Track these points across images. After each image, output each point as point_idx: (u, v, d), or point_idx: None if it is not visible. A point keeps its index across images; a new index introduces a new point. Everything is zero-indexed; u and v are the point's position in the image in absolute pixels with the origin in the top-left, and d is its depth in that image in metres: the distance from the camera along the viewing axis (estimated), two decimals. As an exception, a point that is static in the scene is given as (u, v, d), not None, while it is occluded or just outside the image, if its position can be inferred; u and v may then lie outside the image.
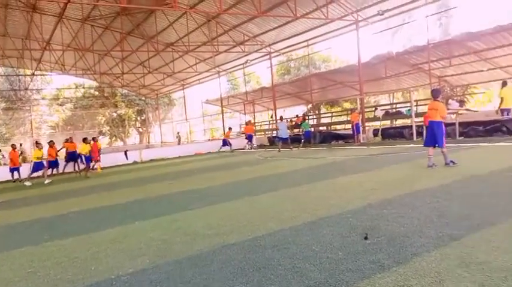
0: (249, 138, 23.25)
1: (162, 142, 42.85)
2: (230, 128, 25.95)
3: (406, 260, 3.29)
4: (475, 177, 6.65)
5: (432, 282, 2.82)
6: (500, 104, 13.63)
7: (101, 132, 16.88)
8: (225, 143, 23.57)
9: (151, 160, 21.40)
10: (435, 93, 8.51)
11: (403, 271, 3.09)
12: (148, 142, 46.11)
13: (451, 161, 8.15)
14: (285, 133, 19.24)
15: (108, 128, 48.26)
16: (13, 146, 17.53)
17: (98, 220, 6.47)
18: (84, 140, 16.92)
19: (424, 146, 8.81)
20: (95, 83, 43.56)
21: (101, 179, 14.37)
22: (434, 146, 8.32)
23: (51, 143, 16.71)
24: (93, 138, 18.44)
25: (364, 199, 5.82)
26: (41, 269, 4.12)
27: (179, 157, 22.58)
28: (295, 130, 24.74)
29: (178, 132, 38.13)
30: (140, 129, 51.15)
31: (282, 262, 3.57)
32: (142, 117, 48.93)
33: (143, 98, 46.16)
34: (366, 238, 3.96)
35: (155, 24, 23.89)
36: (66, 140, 19.09)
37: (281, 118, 21.57)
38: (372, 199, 5.75)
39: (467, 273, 2.91)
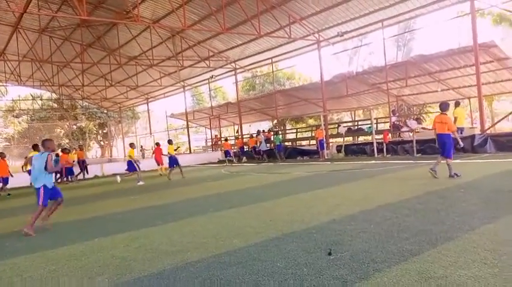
0: (227, 153, 23.73)
1: (125, 156, 41.67)
2: (158, 144, 23.32)
3: (368, 276, 3.35)
4: (433, 193, 6.93)
5: (394, 296, 2.88)
6: (454, 123, 14.38)
7: (59, 146, 16.24)
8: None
9: (114, 174, 20.69)
10: (444, 107, 8.76)
11: (365, 286, 3.13)
12: (111, 156, 44.74)
13: (455, 174, 8.44)
14: (264, 146, 21.55)
15: (67, 141, 46.42)
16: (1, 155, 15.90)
17: (55, 237, 6.14)
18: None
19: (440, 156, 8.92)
20: (53, 95, 41.98)
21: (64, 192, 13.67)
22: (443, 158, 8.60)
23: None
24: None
25: (328, 214, 5.91)
26: (-11, 293, 3.84)
27: (143, 171, 22.00)
28: (267, 145, 25.08)
29: (141, 146, 37.30)
30: (102, 143, 49.63)
31: (247, 278, 3.53)
32: (105, 131, 47.53)
33: (105, 111, 44.94)
34: (329, 254, 4.00)
35: (117, 37, 23.50)
36: (80, 148, 21.30)
37: (261, 132, 23.46)
38: (336, 214, 5.85)
39: (427, 287, 2.99)
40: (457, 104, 14.85)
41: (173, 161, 16.05)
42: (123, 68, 28.59)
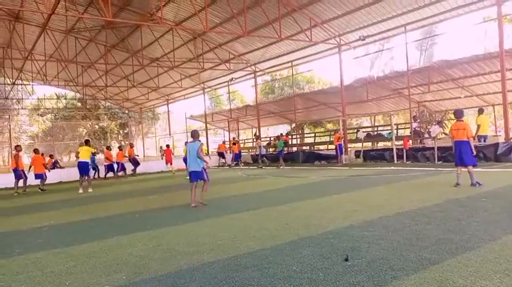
0: (221, 155, 24.32)
1: (144, 156, 42.31)
2: (168, 145, 23.22)
3: (385, 283, 3.30)
4: (453, 201, 6.78)
5: (411, 305, 2.83)
6: (477, 131, 14.05)
7: (18, 148, 16.53)
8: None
9: (133, 174, 21.06)
10: (459, 114, 8.76)
11: (383, 293, 3.09)
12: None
13: (477, 183, 8.25)
14: (262, 150, 21.84)
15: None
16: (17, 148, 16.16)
17: (75, 234, 6.28)
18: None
19: (455, 165, 8.80)
20: (77, 94, 43.02)
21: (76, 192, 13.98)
22: (464, 166, 8.45)
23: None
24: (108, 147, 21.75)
25: (345, 219, 5.85)
26: (13, 283, 3.96)
27: (161, 172, 22.31)
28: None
29: (161, 147, 37.76)
30: (122, 143, 50.50)
31: (262, 281, 3.53)
32: (125, 131, 48.34)
33: (126, 112, 45.73)
34: (346, 260, 3.97)
35: (141, 38, 23.93)
36: (131, 146, 22.35)
37: (259, 136, 24.35)
38: (353, 220, 5.79)
39: (446, 297, 2.93)
40: (480, 111, 14.50)
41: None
42: (145, 69, 29.06)
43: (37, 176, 15.75)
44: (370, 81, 20.91)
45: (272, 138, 27.75)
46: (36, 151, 16.56)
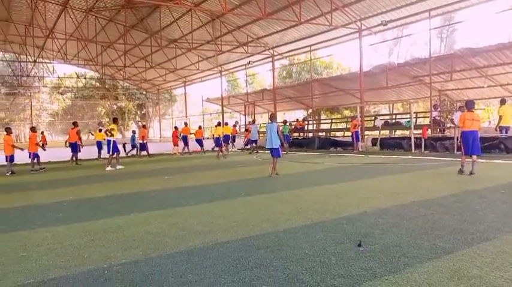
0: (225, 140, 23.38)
1: (161, 137, 42.79)
2: (176, 127, 24.74)
3: (398, 270, 3.30)
4: (471, 192, 6.68)
5: (424, 292, 2.83)
6: (499, 121, 13.69)
7: (100, 123, 17.15)
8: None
9: (149, 155, 21.36)
10: (471, 105, 8.98)
11: (395, 280, 3.09)
12: (147, 137, 46.11)
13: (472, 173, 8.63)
14: (255, 136, 20.83)
15: (107, 119, 48.12)
16: (32, 129, 16.28)
17: (94, 210, 6.45)
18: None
19: (465, 154, 9.05)
20: (96, 74, 43.53)
21: (97, 169, 14.27)
22: (473, 155, 8.79)
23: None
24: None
25: (359, 206, 5.83)
26: (34, 254, 4.11)
27: (175, 154, 22.56)
28: (295, 134, 25.03)
29: (177, 128, 38.07)
30: (140, 123, 51.07)
31: (275, 263, 3.57)
32: (143, 112, 48.88)
33: (144, 93, 46.11)
34: (359, 245, 3.97)
35: (159, 19, 23.92)
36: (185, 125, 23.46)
37: (253, 121, 23.81)
38: (367, 207, 5.77)
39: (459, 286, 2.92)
40: (502, 102, 14.08)
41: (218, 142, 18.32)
42: (163, 50, 29.11)
43: (33, 155, 14.70)
44: (390, 67, 20.48)
45: (293, 123, 27.64)
46: (32, 129, 15.74)
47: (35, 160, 14.66)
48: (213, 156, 19.00)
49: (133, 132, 22.54)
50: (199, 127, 23.45)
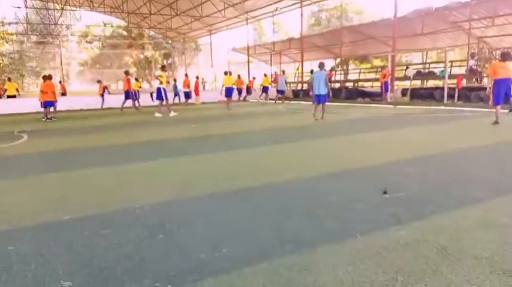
0: (265, 90, 22.91)
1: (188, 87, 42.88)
2: (254, 78, 25.70)
3: (424, 217, 3.28)
4: (505, 143, 6.45)
5: (449, 239, 2.81)
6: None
7: (127, 73, 17.45)
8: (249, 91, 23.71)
9: (175, 103, 21.55)
10: (505, 56, 8.59)
11: (420, 225, 3.08)
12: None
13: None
14: (282, 86, 20.59)
15: (135, 69, 48.49)
16: (44, 78, 16.33)
17: (124, 155, 6.66)
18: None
19: (494, 105, 8.66)
20: (122, 23, 43.25)
21: (131, 117, 14.58)
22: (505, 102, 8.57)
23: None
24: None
25: (387, 156, 5.75)
26: (71, 194, 4.33)
27: (203, 103, 22.67)
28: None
29: (203, 78, 38.03)
30: (166, 73, 51.26)
31: (299, 207, 3.62)
32: (169, 61, 48.79)
33: (170, 42, 45.72)
34: (385, 193, 3.94)
35: (185, -37, 23.05)
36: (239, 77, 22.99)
37: (283, 72, 22.98)
38: (395, 157, 5.68)
39: (487, 234, 2.88)
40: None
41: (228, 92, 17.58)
42: (188, -4, 28.39)
43: (47, 103, 14.31)
44: (428, 12, 19.22)
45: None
46: (45, 77, 14.89)
47: (51, 109, 14.51)
48: (240, 105, 18.97)
49: (174, 80, 22.81)
50: (238, 76, 23.49)
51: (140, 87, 18.80)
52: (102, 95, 20.21)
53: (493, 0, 16.94)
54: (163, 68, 15.33)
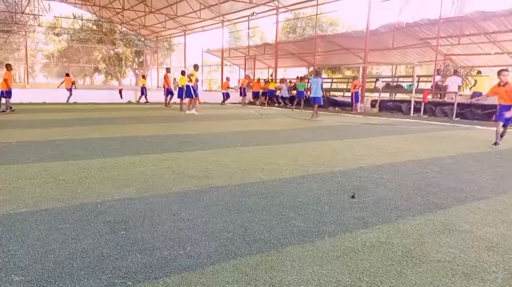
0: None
1: (158, 86, 42.19)
2: (228, 78, 25.48)
3: (390, 221, 3.32)
4: (467, 155, 6.68)
5: (414, 243, 2.86)
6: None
7: (96, 69, 16.86)
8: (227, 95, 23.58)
9: (146, 102, 21.13)
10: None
11: (386, 229, 3.12)
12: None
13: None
14: (286, 93, 22.48)
15: (104, 65, 47.15)
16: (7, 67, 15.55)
17: (88, 150, 6.40)
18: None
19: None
20: (93, 16, 42.04)
21: (99, 113, 14.13)
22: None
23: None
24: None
25: (355, 162, 5.83)
26: (27, 187, 4.09)
27: (174, 103, 22.31)
28: (293, 91, 24.72)
29: (175, 79, 37.48)
30: (137, 71, 50.16)
31: (268, 208, 3.58)
32: (140, 60, 47.83)
33: (142, 39, 44.85)
34: (353, 197, 3.98)
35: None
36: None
37: (286, 80, 24.10)
38: (363, 163, 5.77)
39: (450, 239, 2.94)
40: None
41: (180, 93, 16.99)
42: (164, -5, 27.98)
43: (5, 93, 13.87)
44: (398, 27, 19.86)
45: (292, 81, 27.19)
46: (7, 66, 14.21)
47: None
48: (211, 107, 18.80)
49: (143, 77, 22.67)
50: (227, 79, 24.49)
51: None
52: (70, 89, 19.72)
53: (460, 20, 17.75)
54: (195, 67, 16.04)
